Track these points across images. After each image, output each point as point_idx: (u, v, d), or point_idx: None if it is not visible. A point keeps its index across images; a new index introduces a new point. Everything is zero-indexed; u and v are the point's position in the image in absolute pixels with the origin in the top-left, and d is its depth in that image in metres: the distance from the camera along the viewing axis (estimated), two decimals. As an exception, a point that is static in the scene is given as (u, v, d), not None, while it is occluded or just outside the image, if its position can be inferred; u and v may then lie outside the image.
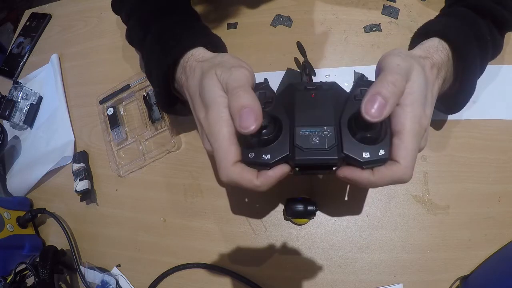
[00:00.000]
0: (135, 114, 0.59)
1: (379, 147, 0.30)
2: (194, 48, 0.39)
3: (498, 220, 0.43)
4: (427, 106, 0.32)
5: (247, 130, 0.29)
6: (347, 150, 0.30)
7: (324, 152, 0.31)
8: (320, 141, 0.31)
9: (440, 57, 0.36)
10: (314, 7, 0.58)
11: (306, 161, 0.31)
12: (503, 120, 0.46)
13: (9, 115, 0.65)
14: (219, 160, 0.32)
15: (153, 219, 0.52)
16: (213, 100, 0.32)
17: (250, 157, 0.31)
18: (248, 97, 0.30)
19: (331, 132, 0.31)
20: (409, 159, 0.29)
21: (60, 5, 0.78)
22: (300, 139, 0.31)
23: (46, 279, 0.48)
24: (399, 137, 0.30)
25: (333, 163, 0.31)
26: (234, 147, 0.31)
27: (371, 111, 0.28)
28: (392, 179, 0.30)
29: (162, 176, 0.54)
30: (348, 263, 0.45)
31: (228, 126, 0.31)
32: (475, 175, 0.45)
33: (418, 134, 0.30)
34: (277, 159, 0.31)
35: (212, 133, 0.32)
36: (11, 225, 0.53)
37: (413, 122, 0.30)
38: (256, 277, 0.46)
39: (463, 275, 0.41)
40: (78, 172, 0.57)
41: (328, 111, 0.32)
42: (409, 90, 0.30)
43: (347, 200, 0.47)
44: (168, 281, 0.49)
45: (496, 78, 0.48)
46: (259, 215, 0.49)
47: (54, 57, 0.69)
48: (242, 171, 0.31)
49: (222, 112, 0.31)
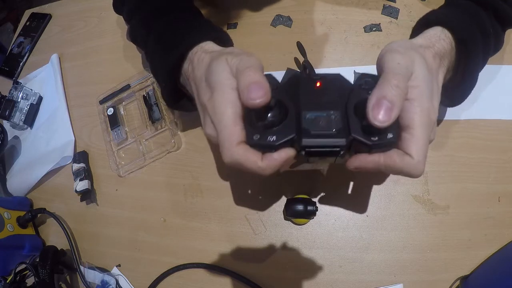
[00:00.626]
0: (135, 114, 0.59)
1: (387, 130, 0.30)
2: (203, 42, 0.39)
3: (498, 220, 0.43)
4: (434, 98, 0.32)
5: (255, 101, 0.28)
6: (355, 133, 0.30)
7: (331, 135, 0.30)
8: (327, 124, 0.30)
9: (443, 46, 0.35)
10: (314, 7, 0.58)
11: (313, 144, 0.30)
12: (503, 120, 0.46)
13: (9, 115, 0.65)
14: (222, 140, 0.31)
15: (153, 219, 0.52)
16: (220, 82, 0.32)
17: (255, 139, 0.31)
18: (258, 75, 0.30)
19: (338, 116, 0.31)
20: (421, 153, 0.29)
21: (60, 5, 0.78)
22: (307, 122, 0.31)
23: (46, 279, 0.48)
24: (409, 131, 0.30)
25: (340, 146, 0.30)
26: (238, 127, 0.31)
27: (378, 117, 0.28)
28: (403, 171, 0.30)
29: (162, 176, 0.54)
30: (348, 263, 0.45)
31: (233, 107, 0.31)
32: (475, 175, 0.45)
33: (427, 127, 0.30)
34: (283, 140, 0.31)
35: (217, 114, 0.32)
36: (11, 225, 0.53)
37: (422, 116, 0.29)
38: (256, 277, 0.46)
39: (463, 275, 0.41)
40: (78, 172, 0.57)
41: (334, 97, 0.32)
42: (414, 84, 0.30)
43: (347, 200, 0.47)
44: (168, 281, 0.49)
45: (496, 78, 0.48)
46: (259, 215, 0.49)
47: (54, 57, 0.70)
48: (246, 152, 0.31)
49: (228, 93, 0.31)
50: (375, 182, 0.47)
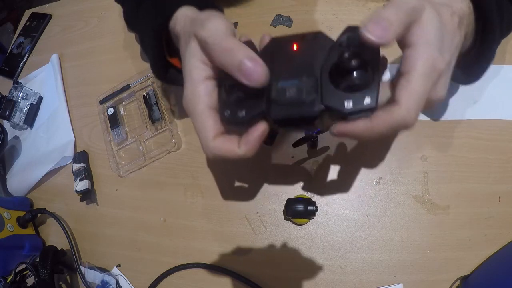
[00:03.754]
0: (135, 114, 0.59)
1: (364, 94, 0.27)
2: (178, 10, 0.38)
3: (498, 220, 0.43)
4: (444, 50, 0.29)
5: (258, 81, 0.28)
6: (327, 101, 0.27)
7: (302, 105, 0.28)
8: (297, 93, 0.28)
9: (461, 6, 0.33)
10: (314, 7, 0.58)
11: (282, 116, 0.29)
12: (504, 120, 0.46)
13: (9, 115, 0.65)
14: (199, 136, 0.31)
15: (153, 219, 0.52)
16: (189, 74, 0.32)
17: (226, 115, 0.30)
18: (237, 47, 0.28)
19: (311, 83, 0.28)
20: (412, 101, 0.26)
21: (60, 5, 0.78)
22: (276, 92, 0.29)
23: (46, 279, 0.48)
24: (406, 78, 0.27)
25: (312, 116, 0.28)
26: (211, 121, 0.31)
27: (375, 30, 0.25)
28: (392, 124, 0.27)
29: (162, 176, 0.54)
30: (348, 263, 0.45)
31: (202, 102, 0.31)
32: (475, 175, 0.45)
33: (429, 76, 0.27)
34: (252, 115, 0.29)
35: (190, 111, 0.31)
36: (11, 225, 0.53)
37: (425, 63, 0.27)
38: (256, 277, 0.46)
39: (463, 275, 0.41)
40: (78, 172, 0.57)
41: (309, 61, 0.29)
42: (421, 31, 0.28)
43: (347, 200, 0.47)
44: (168, 281, 0.49)
45: (496, 78, 0.48)
46: (259, 215, 0.49)
47: (54, 57, 0.70)
48: (222, 144, 0.30)
49: (197, 87, 0.31)
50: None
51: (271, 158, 0.50)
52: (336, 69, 0.28)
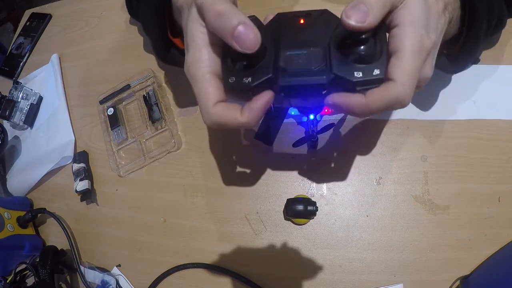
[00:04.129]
0: (135, 114, 0.59)
1: (373, 66, 0.27)
2: None
3: (498, 220, 0.43)
4: (430, 30, 0.29)
5: (249, 47, 0.27)
6: (336, 70, 0.28)
7: (310, 73, 0.28)
8: (306, 62, 0.28)
9: None
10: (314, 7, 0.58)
11: (290, 83, 0.28)
12: (503, 120, 0.46)
13: (9, 115, 0.65)
14: (199, 103, 0.30)
15: (153, 219, 0.52)
16: (191, 39, 0.31)
17: (230, 82, 0.29)
18: (231, 12, 0.27)
19: (319, 53, 0.28)
20: (407, 78, 0.27)
21: (60, 5, 0.78)
22: (285, 60, 0.28)
23: (46, 279, 0.48)
24: (396, 56, 0.27)
25: (320, 85, 0.28)
26: (213, 87, 0.30)
27: (354, 15, 0.26)
28: (387, 101, 0.27)
29: (162, 176, 0.54)
30: (348, 263, 0.45)
31: (206, 66, 0.30)
32: (475, 175, 0.45)
33: (418, 53, 0.28)
34: (259, 81, 0.29)
35: (191, 76, 0.31)
36: (11, 225, 0.53)
37: (413, 41, 0.27)
38: (256, 277, 0.46)
39: (463, 275, 0.41)
40: (78, 172, 0.57)
41: (317, 34, 0.30)
42: (407, 12, 0.28)
43: (347, 200, 0.47)
44: (168, 281, 0.49)
45: (496, 78, 0.48)
46: (259, 215, 0.49)
47: (54, 57, 0.69)
48: (224, 110, 0.30)
49: (200, 52, 0.30)
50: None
51: (271, 158, 0.50)
52: (344, 42, 0.28)
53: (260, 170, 0.50)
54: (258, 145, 0.51)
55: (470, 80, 0.48)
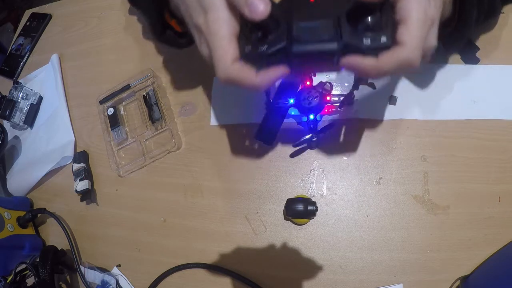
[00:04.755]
0: (135, 114, 0.59)
1: (381, 34, 0.30)
2: None
3: (498, 220, 0.43)
4: (431, 2, 0.32)
5: (258, 15, 0.29)
6: (347, 38, 0.30)
7: (322, 41, 0.31)
8: (318, 32, 0.31)
9: None
10: (314, 7, 0.58)
11: (303, 50, 0.31)
12: (503, 120, 0.46)
13: (9, 115, 0.65)
14: (217, 58, 0.32)
15: (153, 219, 0.52)
16: (211, 3, 0.32)
17: (246, 51, 0.32)
18: None
19: (330, 24, 0.31)
20: (415, 40, 0.29)
21: (60, 5, 0.78)
22: (297, 31, 0.31)
23: (46, 279, 0.48)
24: (403, 24, 0.30)
25: (332, 51, 0.31)
26: (233, 45, 0.32)
27: None
28: (398, 62, 0.30)
29: (162, 176, 0.54)
30: (348, 263, 0.45)
31: (227, 26, 0.32)
32: (475, 175, 0.45)
33: (424, 22, 0.30)
34: (274, 49, 0.31)
35: (211, 33, 0.32)
36: (11, 225, 0.53)
37: (419, 10, 0.29)
38: (256, 277, 0.46)
39: (463, 275, 0.41)
40: (78, 172, 0.57)
41: (328, 8, 0.32)
42: None
43: (347, 200, 0.47)
44: (168, 281, 0.49)
45: (496, 78, 0.48)
46: (259, 215, 0.49)
47: (54, 57, 0.70)
48: (241, 68, 0.32)
49: (221, 12, 0.32)
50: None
51: (271, 158, 0.50)
52: (353, 12, 0.30)
53: (260, 170, 0.50)
54: (258, 145, 0.51)
55: (470, 80, 0.48)
